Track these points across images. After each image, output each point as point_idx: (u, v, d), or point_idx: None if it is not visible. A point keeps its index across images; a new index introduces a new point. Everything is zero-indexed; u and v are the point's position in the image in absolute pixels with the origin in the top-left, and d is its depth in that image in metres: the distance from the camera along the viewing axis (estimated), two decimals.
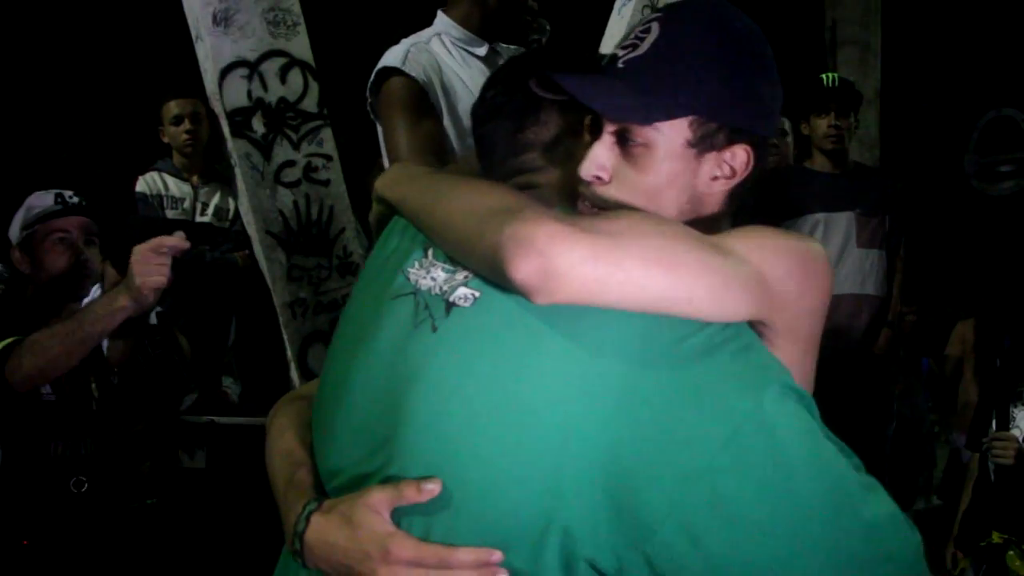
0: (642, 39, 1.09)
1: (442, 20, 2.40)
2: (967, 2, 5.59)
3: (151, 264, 2.14)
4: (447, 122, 2.31)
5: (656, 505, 0.89)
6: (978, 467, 3.11)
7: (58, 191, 2.57)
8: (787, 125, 4.08)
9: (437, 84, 2.30)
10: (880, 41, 5.49)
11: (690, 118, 1.07)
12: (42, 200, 2.55)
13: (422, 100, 2.28)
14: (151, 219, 3.49)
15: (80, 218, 2.56)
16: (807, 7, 5.63)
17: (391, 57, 2.31)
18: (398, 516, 0.98)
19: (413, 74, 2.27)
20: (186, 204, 3.67)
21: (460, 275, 1.04)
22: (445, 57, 2.36)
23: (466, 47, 2.38)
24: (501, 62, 2.32)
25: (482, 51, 2.38)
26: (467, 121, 2.24)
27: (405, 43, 2.35)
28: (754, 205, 3.64)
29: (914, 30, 5.63)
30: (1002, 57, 5.50)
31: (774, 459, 0.90)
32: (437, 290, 1.04)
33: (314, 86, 3.50)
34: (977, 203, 5.80)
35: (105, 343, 2.68)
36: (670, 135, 1.07)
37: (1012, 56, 5.44)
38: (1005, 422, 3.06)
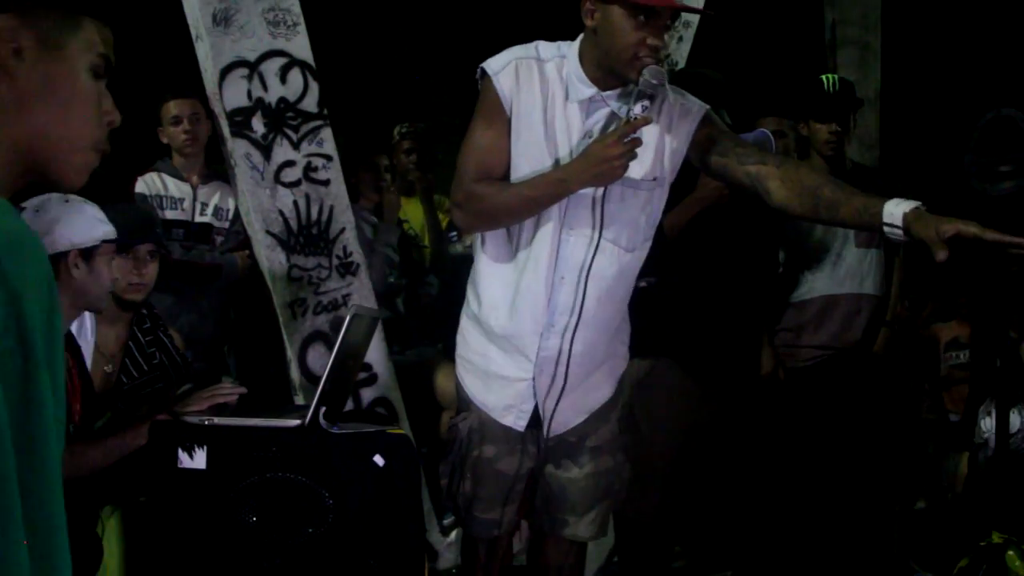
0: None
1: (572, 47, 2.35)
2: (967, 2, 5.59)
3: None
4: (512, 138, 2.32)
5: None
6: (967, 467, 3.12)
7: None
8: (786, 126, 4.07)
9: (518, 105, 2.30)
10: (880, 41, 5.48)
11: None
12: (101, 219, 2.49)
13: (498, 112, 2.31)
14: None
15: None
16: (807, 7, 5.62)
17: (497, 61, 2.34)
18: None
19: (499, 86, 2.30)
20: (185, 204, 3.66)
21: None
22: (552, 84, 2.31)
23: (576, 83, 2.30)
24: (603, 111, 2.26)
25: (584, 94, 2.30)
26: (530, 152, 2.29)
27: (520, 52, 2.34)
28: (754, 204, 3.59)
29: (914, 30, 5.63)
30: (1002, 57, 5.50)
31: None
32: None
33: (314, 86, 3.50)
34: (977, 203, 5.79)
35: (94, 334, 2.68)
36: None
37: (1012, 56, 5.43)
38: (1005, 423, 3.06)
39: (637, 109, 2.17)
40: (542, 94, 2.30)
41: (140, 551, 2.36)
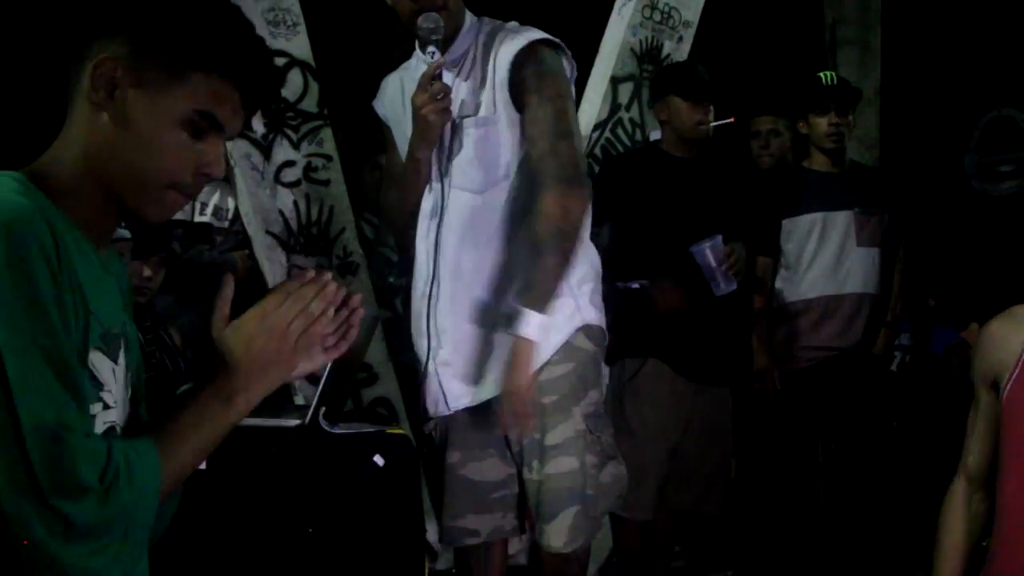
0: None
1: None
2: (967, 2, 5.58)
3: None
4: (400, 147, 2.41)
5: None
6: None
7: None
8: (782, 125, 4.07)
9: (392, 112, 2.43)
10: (880, 41, 5.47)
11: None
12: None
13: (385, 130, 2.47)
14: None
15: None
16: (807, 7, 5.62)
17: None
18: None
19: (376, 110, 2.47)
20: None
21: None
22: (408, 80, 2.37)
23: (422, 64, 2.29)
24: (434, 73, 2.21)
25: (425, 63, 2.28)
26: (402, 145, 2.35)
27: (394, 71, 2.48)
28: (753, 205, 3.56)
29: (914, 30, 5.62)
30: (1002, 57, 5.50)
31: None
32: None
33: (314, 86, 3.50)
34: (977, 203, 5.79)
35: None
36: None
37: (1012, 56, 5.43)
38: None
39: (426, 57, 2.20)
40: (401, 91, 2.39)
41: None
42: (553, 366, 2.31)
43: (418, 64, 2.33)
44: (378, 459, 2.35)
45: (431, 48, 2.18)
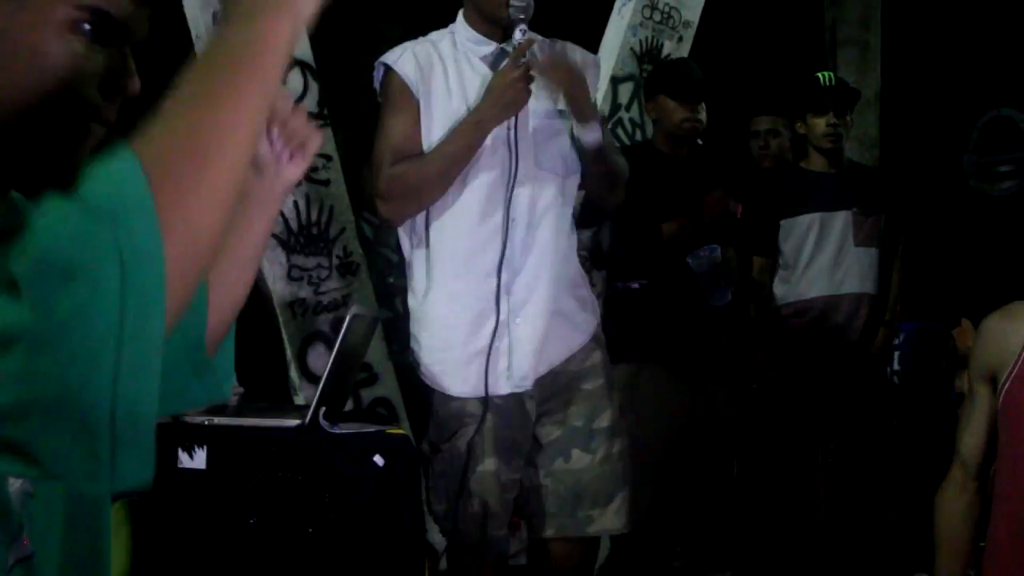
0: None
1: (458, 20, 2.44)
2: (967, 2, 5.58)
3: None
4: (424, 120, 2.37)
5: None
6: None
7: None
8: (781, 124, 4.07)
9: (426, 84, 2.37)
10: (880, 41, 5.47)
11: None
12: None
13: (406, 97, 2.37)
14: None
15: None
16: (807, 7, 5.62)
17: (393, 53, 2.41)
18: None
19: (402, 72, 2.36)
20: None
21: None
22: (449, 57, 2.39)
23: (472, 46, 2.40)
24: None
25: (486, 51, 2.39)
26: (442, 122, 2.33)
27: (411, 42, 2.44)
28: (750, 205, 3.56)
29: (914, 30, 5.62)
30: (1002, 57, 5.50)
31: None
32: None
33: (314, 86, 3.50)
34: (977, 203, 5.79)
35: None
36: None
37: (1012, 56, 5.43)
38: None
39: (518, 35, 2.27)
40: (443, 67, 2.38)
41: (139, 551, 2.37)
42: (591, 352, 2.47)
43: (453, 39, 2.41)
44: (378, 459, 2.35)
45: (523, 27, 2.28)
